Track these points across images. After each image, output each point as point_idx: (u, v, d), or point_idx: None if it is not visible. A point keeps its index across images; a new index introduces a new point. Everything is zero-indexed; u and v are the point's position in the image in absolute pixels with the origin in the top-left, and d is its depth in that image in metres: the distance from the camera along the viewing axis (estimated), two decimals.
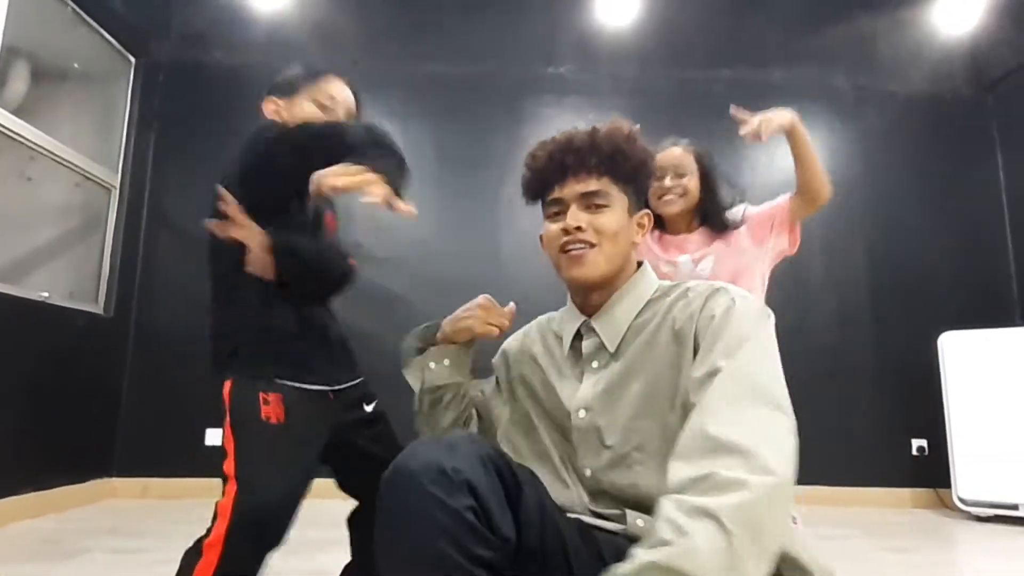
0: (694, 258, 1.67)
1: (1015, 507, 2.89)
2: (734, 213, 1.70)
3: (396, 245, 3.46)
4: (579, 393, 0.96)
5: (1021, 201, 3.60)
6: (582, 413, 0.94)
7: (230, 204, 1.11)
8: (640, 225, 1.01)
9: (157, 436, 3.23)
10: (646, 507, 0.84)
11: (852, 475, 3.39)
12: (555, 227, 0.97)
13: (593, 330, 0.98)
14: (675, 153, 1.69)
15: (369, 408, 1.25)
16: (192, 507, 2.25)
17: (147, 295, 3.39)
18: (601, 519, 0.89)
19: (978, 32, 3.71)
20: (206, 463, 2.31)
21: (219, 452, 1.08)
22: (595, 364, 0.97)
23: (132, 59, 3.43)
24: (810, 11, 3.77)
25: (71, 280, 3.12)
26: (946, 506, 3.20)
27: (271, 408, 1.08)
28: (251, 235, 1.11)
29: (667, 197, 1.66)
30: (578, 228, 0.94)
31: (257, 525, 1.02)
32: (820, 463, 3.18)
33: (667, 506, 0.69)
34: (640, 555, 0.66)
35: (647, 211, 1.02)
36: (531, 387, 1.04)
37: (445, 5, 3.74)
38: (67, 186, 3.12)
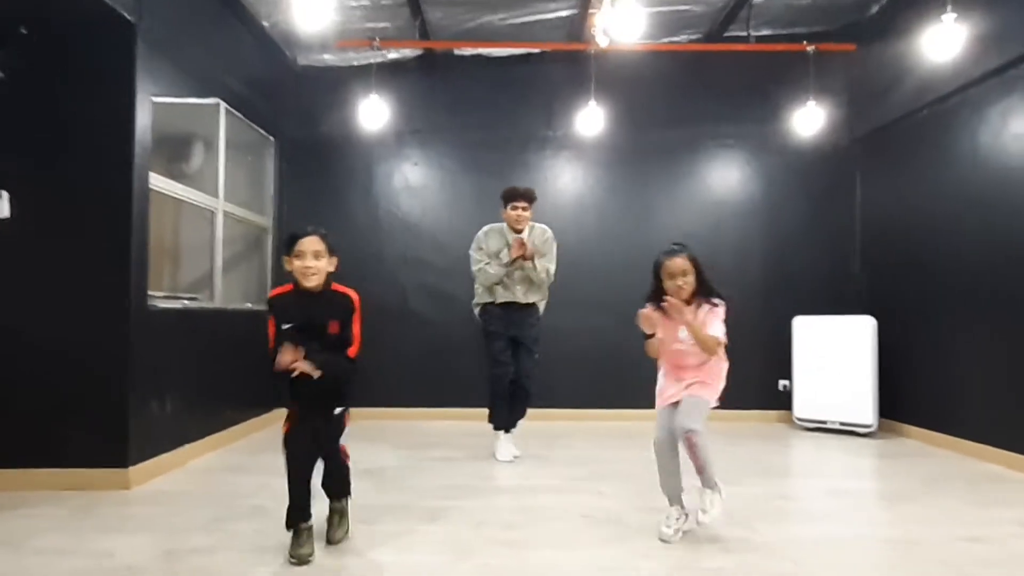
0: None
1: (824, 423, 4.85)
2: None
3: (449, 259, 5.28)
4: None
5: (869, 223, 5.30)
6: None
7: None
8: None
9: None
10: None
11: (743, 401, 5.32)
12: (514, 212, 3.55)
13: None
14: (680, 262, 2.50)
15: None
16: None
17: None
18: None
19: (853, 100, 5.29)
20: None
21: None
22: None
23: (272, 138, 5.17)
24: (732, 89, 5.36)
25: (243, 289, 5.01)
26: (792, 422, 5.15)
27: None
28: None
29: (681, 291, 2.50)
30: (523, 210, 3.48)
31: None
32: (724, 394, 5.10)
33: None
34: None
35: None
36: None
37: (476, 89, 5.39)
38: (235, 227, 4.94)
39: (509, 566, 2.27)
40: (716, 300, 2.53)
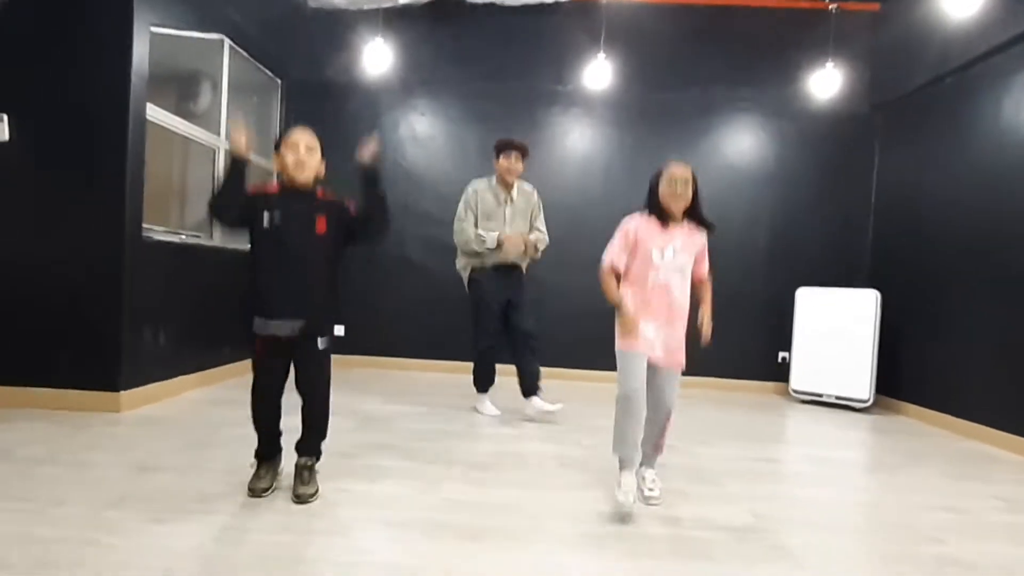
0: (674, 246, 2.33)
1: (820, 395, 4.81)
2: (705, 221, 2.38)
3: (452, 211, 5.25)
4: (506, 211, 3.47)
5: (885, 194, 5.15)
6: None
7: None
8: None
9: None
10: None
11: (742, 371, 5.29)
12: (507, 161, 3.57)
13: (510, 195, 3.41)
14: (686, 170, 2.32)
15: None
16: None
17: None
18: None
19: (874, 65, 5.09)
20: None
21: None
22: (507, 204, 3.34)
23: (279, 80, 5.14)
24: (748, 48, 5.18)
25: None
26: (788, 394, 5.11)
27: None
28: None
29: (678, 199, 2.30)
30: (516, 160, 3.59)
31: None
32: (722, 363, 5.08)
33: None
34: None
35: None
36: None
37: (485, 39, 5.28)
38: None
39: (471, 500, 2.30)
40: (704, 227, 2.39)
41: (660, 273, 2.32)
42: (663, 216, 2.35)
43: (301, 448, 2.28)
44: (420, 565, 1.77)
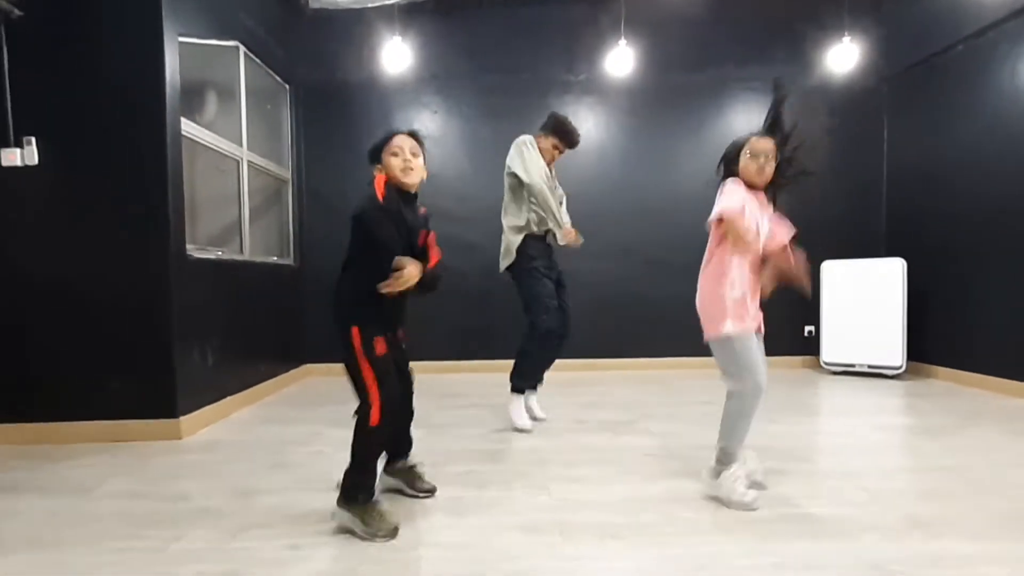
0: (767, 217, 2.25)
1: (852, 366, 4.90)
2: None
3: (471, 208, 5.19)
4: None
5: (897, 166, 5.26)
6: None
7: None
8: None
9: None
10: None
11: (770, 348, 5.33)
12: (554, 151, 3.37)
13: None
14: (770, 144, 2.22)
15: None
16: None
17: (310, 249, 5.21)
18: None
19: (885, 37, 5.17)
20: None
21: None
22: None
23: (287, 85, 5.00)
24: (761, 26, 5.22)
25: (264, 243, 4.91)
26: (819, 367, 5.20)
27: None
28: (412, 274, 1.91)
29: (763, 174, 2.20)
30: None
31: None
32: None
33: None
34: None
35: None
36: None
37: (496, 32, 5.21)
38: (257, 178, 4.82)
39: (587, 499, 2.27)
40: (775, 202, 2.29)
41: (757, 245, 2.23)
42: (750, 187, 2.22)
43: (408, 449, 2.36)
44: (577, 568, 1.74)
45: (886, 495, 2.28)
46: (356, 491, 1.96)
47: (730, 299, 2.21)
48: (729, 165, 2.29)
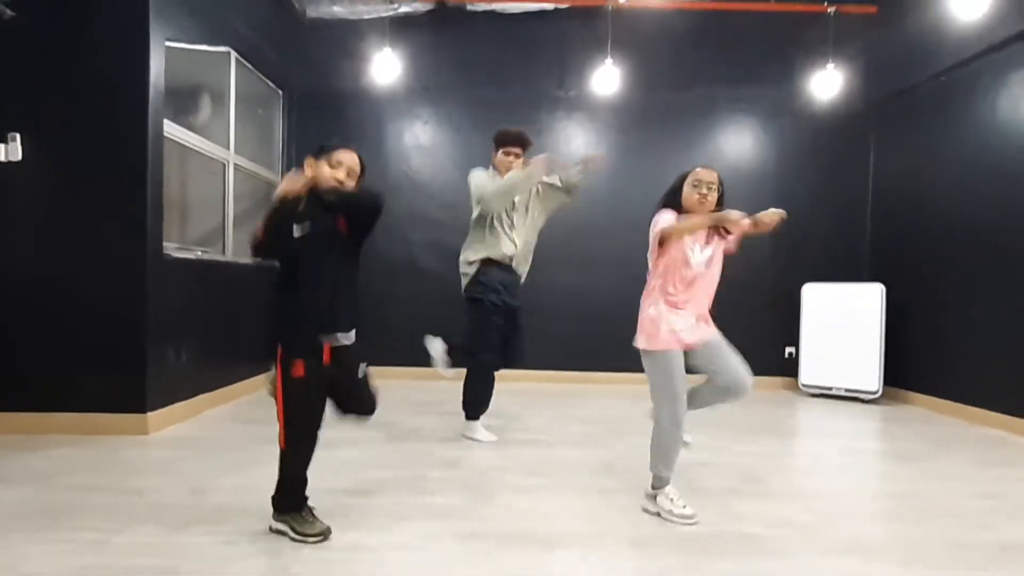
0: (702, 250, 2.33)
1: (830, 389, 4.91)
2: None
3: (460, 217, 5.24)
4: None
5: (882, 190, 5.29)
6: None
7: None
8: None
9: None
10: None
11: (750, 367, 5.36)
12: (507, 159, 3.30)
13: None
14: (714, 173, 2.31)
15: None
16: None
17: None
18: None
19: (871, 65, 5.23)
20: None
21: None
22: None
23: (280, 91, 5.08)
24: (748, 50, 5.28)
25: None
26: (798, 388, 5.21)
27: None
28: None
29: (705, 203, 2.27)
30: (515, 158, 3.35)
31: None
32: None
33: None
34: None
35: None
36: None
37: (488, 46, 5.29)
38: (244, 182, 4.88)
39: (532, 509, 2.30)
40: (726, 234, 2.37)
41: (692, 270, 2.31)
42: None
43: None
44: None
45: (833, 518, 2.30)
46: (285, 502, 2.01)
47: (644, 314, 2.34)
48: (674, 195, 2.36)
